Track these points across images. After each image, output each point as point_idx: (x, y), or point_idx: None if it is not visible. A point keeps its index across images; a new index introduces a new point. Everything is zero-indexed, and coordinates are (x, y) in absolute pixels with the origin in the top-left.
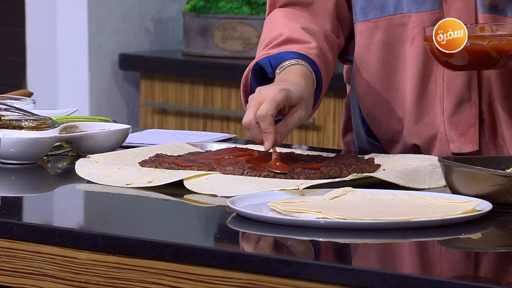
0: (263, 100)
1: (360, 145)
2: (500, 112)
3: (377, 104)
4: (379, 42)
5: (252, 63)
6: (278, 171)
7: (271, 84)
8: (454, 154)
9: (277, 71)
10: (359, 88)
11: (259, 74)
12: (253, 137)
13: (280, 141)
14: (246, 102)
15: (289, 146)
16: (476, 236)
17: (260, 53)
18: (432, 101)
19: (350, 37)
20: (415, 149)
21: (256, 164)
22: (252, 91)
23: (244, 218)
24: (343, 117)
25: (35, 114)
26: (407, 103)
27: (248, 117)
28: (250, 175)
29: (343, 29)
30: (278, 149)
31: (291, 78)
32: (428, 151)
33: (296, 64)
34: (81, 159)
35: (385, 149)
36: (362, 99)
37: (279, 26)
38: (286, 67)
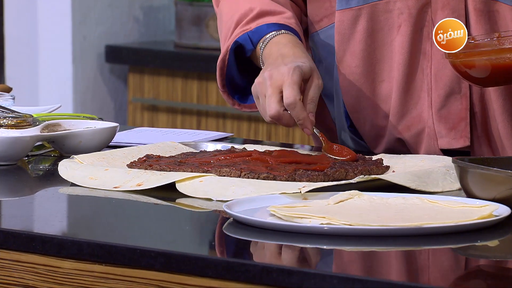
0: (280, 84)
1: (342, 143)
2: (492, 104)
3: (362, 97)
4: (363, 31)
5: (228, 43)
6: (344, 158)
7: (274, 63)
8: (443, 150)
9: (260, 45)
10: (343, 81)
11: (236, 55)
12: (285, 125)
13: (313, 119)
14: (223, 86)
15: (290, 146)
16: (493, 243)
17: (235, 32)
18: (419, 93)
19: None
20: (401, 145)
21: (255, 166)
22: (230, 74)
23: (241, 224)
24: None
25: (14, 111)
26: (393, 96)
27: (274, 108)
28: (248, 177)
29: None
30: (281, 149)
31: (287, 51)
32: (414, 147)
33: (280, 34)
34: (65, 160)
35: (369, 147)
36: (346, 93)
37: (244, 2)
38: (271, 38)
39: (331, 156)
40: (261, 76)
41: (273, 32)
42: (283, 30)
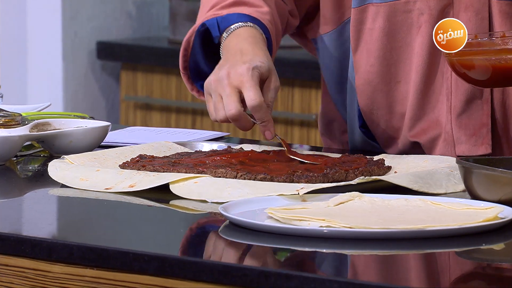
0: (238, 84)
1: (353, 144)
2: None
3: (376, 98)
4: (379, 30)
5: (197, 24)
6: (309, 161)
7: (232, 60)
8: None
9: (224, 34)
10: (358, 80)
11: (203, 37)
12: (242, 127)
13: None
14: (184, 69)
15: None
16: (498, 246)
17: (206, 14)
18: (437, 96)
19: (306, 20)
20: (416, 149)
21: (251, 166)
22: (194, 56)
23: (238, 227)
24: (321, 110)
25: (3, 110)
26: (409, 98)
27: (235, 108)
28: (245, 178)
29: (298, 8)
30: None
31: (246, 47)
32: (429, 151)
33: (245, 26)
34: (55, 160)
35: (381, 148)
36: (360, 92)
37: None
38: (235, 29)
39: (296, 158)
40: (216, 74)
41: (239, 23)
42: (249, 23)
